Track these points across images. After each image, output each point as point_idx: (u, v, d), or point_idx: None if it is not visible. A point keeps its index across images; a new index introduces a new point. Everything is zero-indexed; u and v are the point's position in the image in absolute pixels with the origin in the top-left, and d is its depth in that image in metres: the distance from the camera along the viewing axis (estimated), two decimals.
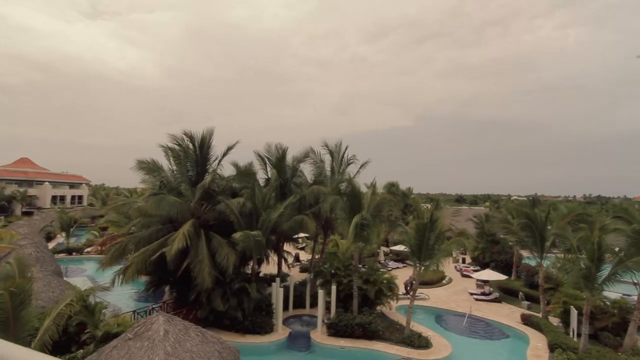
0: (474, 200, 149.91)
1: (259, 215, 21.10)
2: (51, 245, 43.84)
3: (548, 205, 37.42)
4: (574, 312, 20.03)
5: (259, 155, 27.26)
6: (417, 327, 20.67)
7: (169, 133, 22.04)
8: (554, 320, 22.26)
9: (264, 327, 19.82)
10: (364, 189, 24.45)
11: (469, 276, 35.33)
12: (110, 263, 20.85)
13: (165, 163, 23.08)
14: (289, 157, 27.33)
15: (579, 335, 18.77)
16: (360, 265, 23.59)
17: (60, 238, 48.92)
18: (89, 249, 41.02)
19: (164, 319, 11.59)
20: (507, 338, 21.45)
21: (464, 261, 43.06)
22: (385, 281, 22.75)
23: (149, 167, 22.13)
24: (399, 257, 42.38)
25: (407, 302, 21.76)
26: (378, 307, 22.74)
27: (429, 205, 50.43)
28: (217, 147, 22.89)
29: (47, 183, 76.67)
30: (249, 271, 22.60)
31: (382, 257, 41.27)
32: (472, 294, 29.36)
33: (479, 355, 19.19)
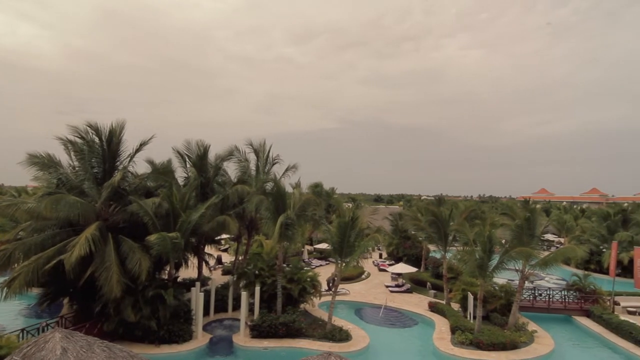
0: (390, 200, 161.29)
1: (177, 217, 19.82)
2: None
3: (451, 205, 42.08)
4: (470, 298, 22.91)
5: (178, 153, 25.64)
6: (338, 321, 21.55)
7: (69, 124, 19.43)
8: (455, 306, 25.16)
9: (182, 335, 18.69)
10: (289, 189, 24.66)
11: (385, 270, 37.96)
12: None
13: (64, 158, 20.34)
14: (212, 155, 26.24)
15: (474, 317, 21.51)
16: (285, 265, 23.73)
17: None
18: None
19: (62, 335, 10.19)
20: (417, 325, 23.62)
21: (380, 256, 46.10)
22: (308, 279, 23.24)
23: (44, 163, 19.24)
24: (322, 255, 43.62)
25: (329, 298, 22.53)
26: (302, 305, 23.12)
27: (350, 205, 52.94)
28: (130, 142, 20.87)
29: None
30: (166, 276, 21.11)
31: (306, 256, 41.98)
32: (387, 286, 31.63)
33: (392, 343, 20.76)
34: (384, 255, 46.54)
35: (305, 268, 25.10)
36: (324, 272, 33.57)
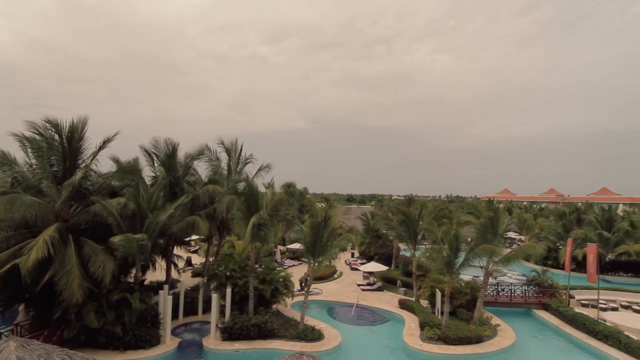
0: (362, 200, 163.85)
1: (144, 217, 19.10)
2: None
3: (420, 204, 43.27)
4: (438, 294, 23.67)
5: (146, 151, 24.71)
6: (311, 321, 21.60)
7: (26, 120, 18.23)
8: (424, 302, 25.90)
9: (149, 340, 18.03)
10: (262, 189, 24.44)
11: (357, 269, 38.43)
12: None
13: (20, 155, 19.10)
14: (181, 154, 25.49)
15: (442, 313, 22.24)
16: (257, 265, 23.48)
17: None
18: None
19: (17, 344, 9.56)
20: (388, 322, 24.10)
21: (352, 255, 46.64)
22: (281, 279, 23.14)
23: None
24: (295, 255, 43.55)
25: (302, 298, 22.54)
26: (274, 306, 23.00)
27: (323, 205, 53.20)
28: (93, 140, 19.82)
29: None
30: (132, 280, 20.31)
31: (278, 256, 41.79)
32: (359, 285, 32.05)
33: (364, 340, 21.08)
34: (356, 254, 47.13)
35: (278, 268, 24.98)
36: (297, 272, 33.56)
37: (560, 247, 40.93)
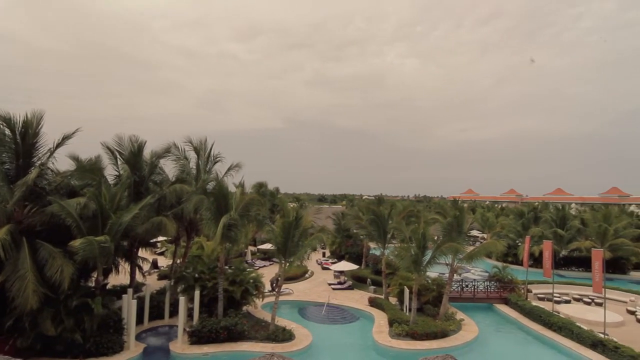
0: (334, 200, 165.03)
1: (106, 218, 18.22)
2: None
3: (390, 204, 44.15)
4: (406, 291, 24.32)
5: (109, 148, 23.57)
6: (282, 321, 21.51)
7: None
8: (393, 300, 26.51)
9: (111, 346, 17.26)
10: (232, 189, 24.01)
11: (328, 268, 38.68)
12: None
13: None
14: (147, 152, 24.53)
15: (410, 309, 22.86)
16: (227, 267, 23.07)
17: None
18: None
19: None
20: (358, 320, 24.46)
21: (324, 255, 46.87)
22: (251, 280, 22.87)
23: None
24: (266, 256, 43.16)
25: (273, 299, 22.39)
26: (244, 307, 22.69)
27: (294, 204, 53.11)
28: (52, 136, 18.61)
29: None
30: (93, 284, 19.31)
31: (249, 257, 41.24)
32: (330, 284, 32.28)
33: (334, 339, 21.24)
34: (327, 253, 47.39)
35: (248, 269, 24.67)
36: (268, 272, 33.30)
37: (519, 244, 43.16)
